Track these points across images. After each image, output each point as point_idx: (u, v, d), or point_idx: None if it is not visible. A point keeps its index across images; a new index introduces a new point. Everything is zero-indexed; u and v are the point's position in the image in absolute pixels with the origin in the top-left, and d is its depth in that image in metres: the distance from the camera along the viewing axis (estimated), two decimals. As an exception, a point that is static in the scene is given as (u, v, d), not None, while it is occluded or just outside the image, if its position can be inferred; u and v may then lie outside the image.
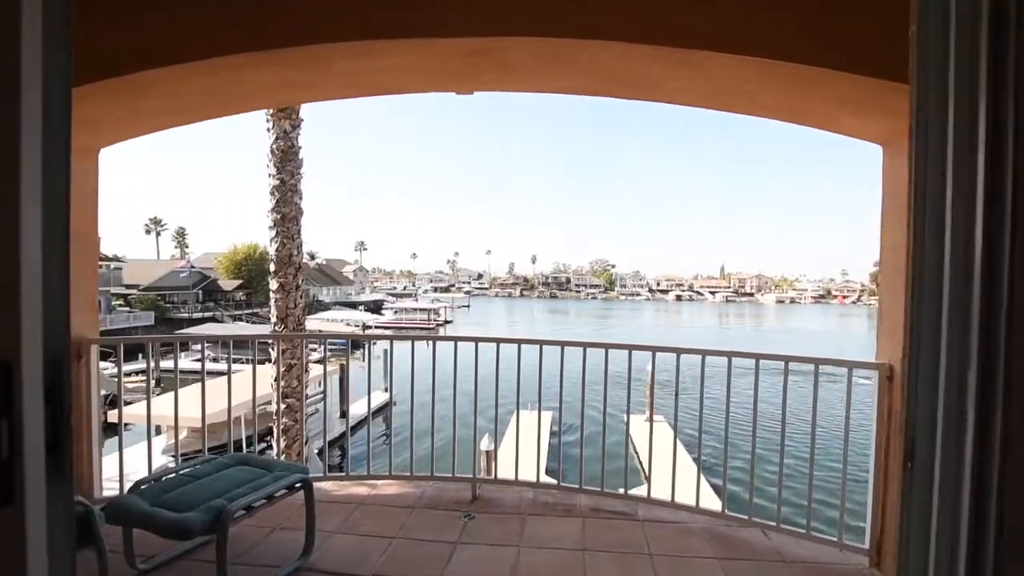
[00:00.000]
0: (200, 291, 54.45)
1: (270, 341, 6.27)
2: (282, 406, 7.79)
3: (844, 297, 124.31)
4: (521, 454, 3.39)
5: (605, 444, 3.33)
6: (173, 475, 2.57)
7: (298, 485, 2.58)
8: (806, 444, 2.84)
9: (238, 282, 56.45)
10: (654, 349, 3.08)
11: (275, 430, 5.52)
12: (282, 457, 7.73)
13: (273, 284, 8.18)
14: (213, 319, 45.51)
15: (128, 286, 47.58)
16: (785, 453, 2.83)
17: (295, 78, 2.55)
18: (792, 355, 2.73)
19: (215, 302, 55.04)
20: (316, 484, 3.45)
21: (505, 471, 3.41)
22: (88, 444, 2.95)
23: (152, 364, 3.05)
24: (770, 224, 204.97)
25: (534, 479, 3.35)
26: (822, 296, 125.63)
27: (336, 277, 77.98)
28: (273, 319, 8.14)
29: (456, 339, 3.30)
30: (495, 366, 3.32)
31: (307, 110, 8.62)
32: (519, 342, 3.22)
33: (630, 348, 3.15)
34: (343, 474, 3.44)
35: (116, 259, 47.69)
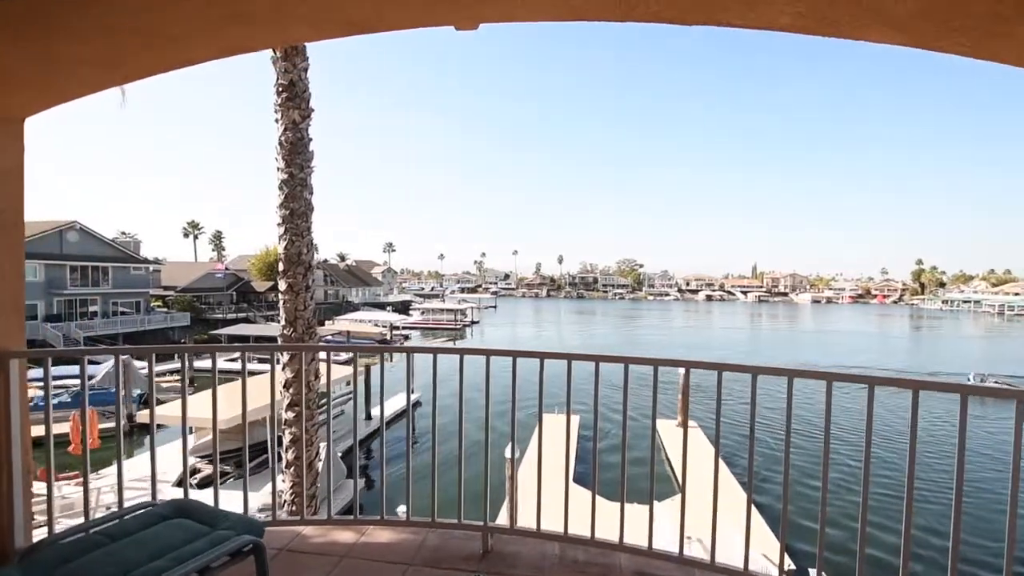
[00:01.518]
0: (234, 292, 55.82)
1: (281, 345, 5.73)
2: (290, 415, 7.28)
3: (884, 296, 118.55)
4: (544, 475, 2.68)
5: (653, 488, 2.58)
6: (93, 531, 1.97)
7: (247, 549, 1.95)
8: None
9: (270, 283, 57.47)
10: (720, 367, 2.30)
11: (274, 441, 4.94)
12: (290, 470, 7.23)
13: (281, 285, 7.67)
14: (247, 320, 46.67)
15: (166, 287, 49.31)
16: (912, 508, 2.03)
17: (240, 8, 1.92)
18: (927, 380, 1.93)
19: (248, 303, 56.33)
20: (293, 528, 2.85)
21: (525, 497, 2.69)
22: (7, 480, 2.38)
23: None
24: (804, 221, 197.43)
25: (561, 528, 2.63)
26: (860, 296, 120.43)
27: (365, 278, 78.82)
28: (281, 322, 7.63)
29: (462, 352, 2.61)
30: (511, 380, 2.62)
31: (318, 106, 8.10)
32: (541, 356, 2.51)
33: (688, 365, 2.39)
34: (324, 517, 2.79)
35: (156, 261, 49.74)
